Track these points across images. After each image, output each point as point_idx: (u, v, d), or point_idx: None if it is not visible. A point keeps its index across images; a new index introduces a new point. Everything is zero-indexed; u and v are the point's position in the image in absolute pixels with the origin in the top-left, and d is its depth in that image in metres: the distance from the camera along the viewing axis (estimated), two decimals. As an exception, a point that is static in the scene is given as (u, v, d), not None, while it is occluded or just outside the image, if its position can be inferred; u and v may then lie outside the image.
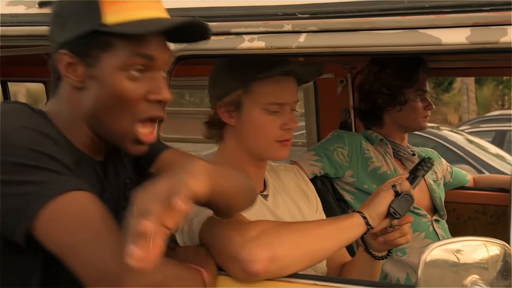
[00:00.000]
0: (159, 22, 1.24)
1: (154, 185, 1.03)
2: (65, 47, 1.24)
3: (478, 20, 1.33)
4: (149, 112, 1.26)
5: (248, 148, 1.75)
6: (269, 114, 1.71)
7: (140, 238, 0.95)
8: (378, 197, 1.64)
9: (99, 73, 1.23)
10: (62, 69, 1.25)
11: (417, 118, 2.40)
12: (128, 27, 1.20)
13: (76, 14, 1.22)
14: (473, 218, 2.80)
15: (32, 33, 1.67)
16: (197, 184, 1.04)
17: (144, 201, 0.99)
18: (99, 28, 1.20)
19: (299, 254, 1.48)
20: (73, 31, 1.22)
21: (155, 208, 0.96)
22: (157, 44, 1.25)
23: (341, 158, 2.31)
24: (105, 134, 1.28)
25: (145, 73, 1.24)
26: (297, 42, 1.47)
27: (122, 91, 1.22)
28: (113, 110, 1.24)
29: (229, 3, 1.54)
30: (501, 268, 1.26)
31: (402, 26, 1.39)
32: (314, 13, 1.46)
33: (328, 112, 2.89)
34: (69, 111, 1.28)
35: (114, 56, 1.22)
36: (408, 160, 2.43)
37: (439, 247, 1.24)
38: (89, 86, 1.24)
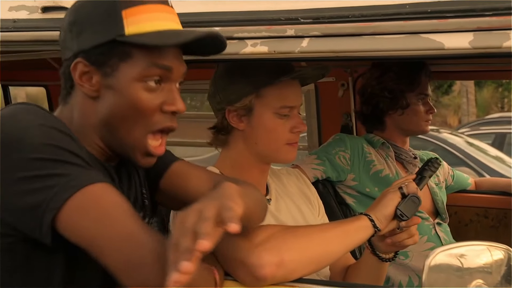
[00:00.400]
0: (178, 34, 1.24)
1: (198, 207, 1.03)
2: (81, 55, 1.24)
3: (481, 24, 1.33)
4: (163, 123, 1.26)
5: (257, 152, 1.76)
6: (280, 118, 1.74)
7: (192, 255, 0.95)
8: (385, 199, 1.65)
9: (116, 82, 1.22)
10: (76, 77, 1.25)
11: (419, 122, 2.40)
12: (149, 38, 1.20)
13: (95, 23, 1.22)
14: (474, 221, 2.80)
15: (35, 38, 1.67)
16: (240, 209, 1.04)
17: (193, 221, 0.99)
18: (119, 38, 1.20)
19: (307, 258, 1.49)
20: (92, 40, 1.22)
21: (209, 229, 0.97)
22: (174, 55, 1.25)
23: (343, 161, 2.31)
24: (116, 144, 1.28)
25: (161, 84, 1.25)
26: (300, 46, 1.47)
27: (139, 101, 1.22)
28: (128, 120, 1.24)
29: (232, 8, 1.54)
30: (505, 272, 1.26)
31: (405, 31, 1.39)
32: (317, 18, 1.46)
33: (329, 115, 2.89)
34: (80, 120, 1.28)
35: (132, 66, 1.22)
36: (410, 163, 2.43)
37: (443, 251, 1.24)
38: (104, 96, 1.24)
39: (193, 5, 1.58)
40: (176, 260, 0.95)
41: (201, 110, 7.10)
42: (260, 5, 1.52)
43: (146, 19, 1.22)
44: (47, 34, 1.65)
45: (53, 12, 1.69)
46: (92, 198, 1.12)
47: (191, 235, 0.97)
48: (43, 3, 1.70)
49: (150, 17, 1.22)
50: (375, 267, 1.78)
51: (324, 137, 2.85)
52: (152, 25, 1.22)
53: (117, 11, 1.21)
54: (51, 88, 3.38)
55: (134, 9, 1.21)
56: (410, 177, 1.76)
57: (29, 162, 1.11)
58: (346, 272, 1.86)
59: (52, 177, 1.11)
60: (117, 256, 1.09)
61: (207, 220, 0.98)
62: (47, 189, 1.10)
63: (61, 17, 1.66)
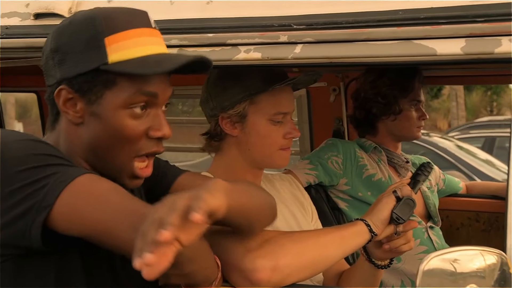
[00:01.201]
0: (163, 61, 1.22)
1: (173, 198, 1.01)
2: (64, 83, 1.22)
3: (473, 31, 1.34)
4: (148, 148, 1.25)
5: (250, 157, 1.77)
6: (273, 124, 1.75)
7: (156, 246, 0.93)
8: (380, 204, 1.65)
9: (101, 110, 1.21)
10: (60, 104, 1.23)
11: (411, 128, 2.42)
12: (132, 66, 1.19)
13: (77, 52, 1.20)
14: (466, 225, 2.82)
15: (28, 45, 1.66)
16: (213, 201, 1.02)
17: (163, 211, 0.98)
18: (103, 67, 1.19)
19: (302, 263, 1.49)
20: (75, 69, 1.20)
21: (174, 219, 0.95)
22: (159, 81, 1.24)
23: (335, 166, 2.32)
24: (102, 168, 1.27)
25: (146, 110, 1.24)
26: (293, 53, 1.48)
27: (124, 128, 1.21)
28: (113, 146, 1.23)
29: (225, 15, 1.54)
30: (498, 277, 1.27)
31: (398, 37, 1.40)
32: (310, 24, 1.46)
33: (321, 120, 2.90)
34: (66, 146, 1.27)
35: (117, 93, 1.20)
36: (402, 168, 2.44)
37: (437, 256, 1.25)
38: (89, 122, 1.23)
39: (186, 11, 1.58)
40: (141, 248, 0.94)
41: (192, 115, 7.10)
42: (254, 11, 1.53)
43: (129, 45, 1.19)
44: (40, 40, 1.64)
45: (45, 19, 1.69)
46: (85, 186, 1.11)
47: (158, 226, 0.95)
48: (35, 9, 1.70)
49: (134, 42, 1.20)
50: (370, 274, 1.78)
51: (316, 142, 2.86)
52: (136, 51, 1.20)
53: (99, 38, 1.19)
54: (42, 94, 3.36)
55: (117, 35, 1.19)
56: (404, 181, 1.77)
57: (13, 176, 1.11)
58: (340, 278, 1.86)
59: (39, 181, 1.10)
60: (126, 235, 1.07)
61: (174, 210, 0.97)
62: (35, 192, 1.10)
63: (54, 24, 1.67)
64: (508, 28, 1.31)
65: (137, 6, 1.30)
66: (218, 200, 1.05)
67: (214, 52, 1.52)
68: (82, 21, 1.22)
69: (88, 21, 1.21)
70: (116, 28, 1.20)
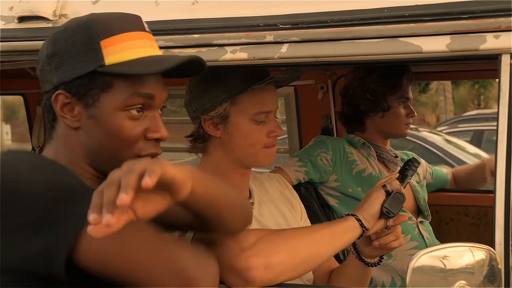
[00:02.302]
0: (159, 61, 1.24)
1: (132, 162, 1.02)
2: (61, 87, 1.22)
3: (457, 28, 1.34)
4: (147, 150, 1.26)
5: (235, 158, 1.76)
6: (256, 124, 1.73)
7: (113, 208, 0.95)
8: (370, 199, 1.66)
9: (98, 113, 1.22)
10: (58, 109, 1.24)
11: (399, 125, 2.42)
12: (130, 67, 1.20)
13: (74, 55, 1.21)
14: (455, 219, 2.83)
15: (12, 48, 1.65)
16: (172, 171, 1.02)
17: (122, 172, 0.98)
18: (100, 69, 1.19)
19: (295, 260, 1.50)
20: (72, 73, 1.21)
21: (132, 181, 0.95)
22: (156, 83, 1.25)
23: (325, 163, 2.32)
24: (107, 170, 1.23)
25: (143, 112, 1.25)
26: (280, 52, 1.48)
27: (122, 130, 1.22)
28: (112, 148, 1.23)
29: (211, 15, 1.54)
30: (487, 272, 1.28)
31: (383, 35, 1.41)
32: (296, 23, 1.46)
33: (309, 118, 2.90)
34: (67, 152, 1.27)
35: (114, 96, 1.21)
36: (391, 162, 2.45)
37: (426, 254, 1.26)
38: (87, 126, 1.24)
39: (172, 12, 1.57)
40: (96, 205, 0.95)
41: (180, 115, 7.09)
42: (239, 11, 1.53)
43: (125, 47, 1.21)
44: (24, 44, 1.64)
45: (29, 22, 1.67)
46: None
47: (117, 186, 0.96)
48: (19, 12, 1.68)
49: (129, 45, 1.22)
50: (360, 272, 1.79)
51: (304, 139, 2.86)
52: (131, 53, 1.22)
53: (95, 41, 1.20)
54: (29, 97, 3.34)
55: (113, 38, 1.21)
56: (393, 175, 1.77)
57: (28, 207, 1.09)
58: (330, 275, 1.87)
59: (53, 222, 1.08)
60: (157, 275, 1.09)
61: (132, 173, 0.97)
62: (56, 230, 1.08)
63: (38, 27, 1.66)
64: (492, 24, 1.32)
65: (122, 7, 1.30)
66: (180, 173, 1.05)
67: (200, 53, 1.52)
68: (78, 25, 1.23)
69: (83, 25, 1.22)
70: (111, 31, 1.21)
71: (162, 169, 1.00)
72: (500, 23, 1.31)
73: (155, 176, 0.97)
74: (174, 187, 1.05)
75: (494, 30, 1.32)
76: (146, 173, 0.97)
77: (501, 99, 1.32)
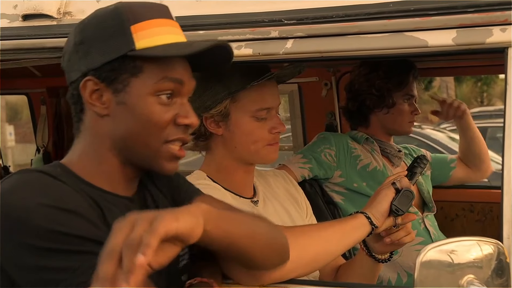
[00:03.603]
0: (188, 45, 1.24)
1: (149, 217, 0.98)
2: (90, 73, 1.22)
3: (463, 21, 1.34)
4: (175, 135, 1.25)
5: (238, 155, 1.76)
6: (257, 121, 1.73)
7: (135, 271, 0.91)
8: (379, 196, 1.66)
9: (128, 98, 1.21)
10: (86, 96, 1.23)
11: (403, 122, 2.42)
12: (160, 51, 1.20)
13: (104, 41, 1.21)
14: (460, 216, 2.83)
15: (17, 46, 1.65)
16: (174, 225, 0.99)
17: (141, 230, 0.95)
18: (131, 53, 1.20)
19: (305, 258, 1.49)
20: (102, 58, 1.20)
21: (153, 242, 0.93)
22: (184, 69, 1.25)
23: (329, 159, 2.32)
24: (136, 158, 1.26)
25: (172, 99, 1.24)
26: (285, 48, 1.47)
27: (153, 115, 1.21)
28: (142, 134, 1.23)
29: (215, 11, 1.54)
30: (495, 266, 1.27)
31: (389, 30, 1.40)
32: (301, 19, 1.46)
33: (313, 115, 2.90)
34: (95, 144, 1.26)
35: (144, 81, 1.21)
36: (395, 157, 2.45)
37: (434, 248, 1.25)
38: (116, 112, 1.23)
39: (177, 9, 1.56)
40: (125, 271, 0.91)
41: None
42: (244, 7, 1.52)
43: (154, 33, 1.21)
44: (29, 42, 1.64)
45: (34, 20, 1.67)
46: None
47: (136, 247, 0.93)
48: (23, 11, 1.68)
49: (158, 31, 1.22)
50: (370, 269, 1.78)
51: (309, 137, 2.86)
52: (161, 38, 1.22)
53: (126, 26, 1.20)
54: (33, 96, 3.35)
55: (142, 24, 1.21)
56: (401, 173, 1.77)
57: (33, 248, 1.07)
58: (337, 272, 1.86)
59: (57, 271, 1.06)
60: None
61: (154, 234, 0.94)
62: (53, 282, 1.06)
63: (43, 24, 1.66)
64: (499, 18, 1.31)
65: (127, 4, 1.29)
66: (185, 223, 1.02)
67: (205, 49, 1.51)
68: (107, 12, 1.24)
69: (113, 12, 1.23)
70: (141, 17, 1.22)
71: (161, 231, 0.96)
72: (506, 16, 1.30)
73: (150, 251, 0.93)
74: (181, 238, 1.02)
75: (500, 24, 1.31)
76: (141, 248, 0.93)
77: (507, 93, 1.31)
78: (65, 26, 1.62)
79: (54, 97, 3.30)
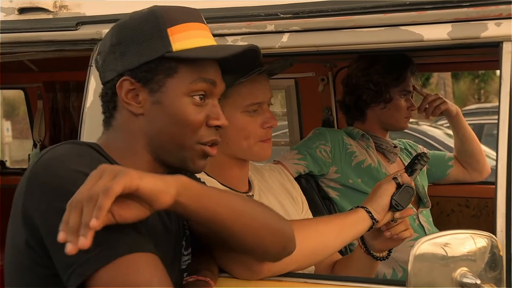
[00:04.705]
0: (222, 49, 1.30)
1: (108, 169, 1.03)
2: (127, 74, 1.25)
3: (458, 15, 1.34)
4: (208, 136, 1.29)
5: (231, 151, 1.74)
6: (249, 116, 1.72)
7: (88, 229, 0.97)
8: (380, 190, 1.65)
9: (164, 98, 1.25)
10: (122, 95, 1.26)
11: (400, 118, 2.43)
12: (195, 53, 1.24)
13: (141, 42, 1.24)
14: (456, 211, 2.83)
15: (13, 40, 1.65)
16: (136, 182, 1.01)
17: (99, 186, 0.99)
18: (168, 54, 1.23)
19: (303, 252, 1.48)
20: (139, 59, 1.24)
21: (105, 205, 0.97)
22: (216, 72, 1.30)
23: (324, 155, 2.32)
24: (169, 156, 1.29)
25: (205, 100, 1.28)
26: (280, 42, 1.48)
27: (188, 115, 1.25)
28: (175, 134, 1.26)
29: (211, 5, 1.54)
30: (488, 259, 1.28)
31: (384, 24, 1.40)
32: (297, 12, 1.46)
33: (310, 110, 2.90)
34: (127, 141, 1.28)
35: (179, 81, 1.25)
36: (391, 153, 2.45)
37: (428, 241, 1.26)
38: (151, 112, 1.26)
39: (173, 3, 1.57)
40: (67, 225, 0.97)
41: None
42: (240, 1, 1.53)
43: (189, 36, 1.26)
44: (25, 35, 1.64)
45: (30, 13, 1.68)
46: (122, 273, 1.06)
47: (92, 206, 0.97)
48: (19, 4, 1.68)
49: (193, 34, 1.27)
50: (367, 266, 1.77)
51: (305, 132, 2.85)
52: (195, 41, 1.26)
53: (163, 28, 1.24)
54: (30, 91, 3.35)
55: (178, 27, 1.25)
56: (401, 170, 1.77)
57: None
58: (333, 268, 1.86)
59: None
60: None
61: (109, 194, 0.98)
62: (79, 251, 1.03)
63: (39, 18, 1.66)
64: (493, 12, 1.32)
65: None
66: (152, 184, 1.04)
67: (201, 43, 1.51)
68: (143, 15, 1.28)
69: (149, 14, 1.27)
70: (176, 20, 1.26)
71: (116, 188, 0.99)
72: (501, 10, 1.31)
73: (102, 213, 0.96)
74: (145, 198, 1.04)
75: (495, 18, 1.32)
76: (96, 209, 0.97)
77: (502, 88, 1.32)
78: (61, 20, 1.63)
79: (50, 92, 3.30)
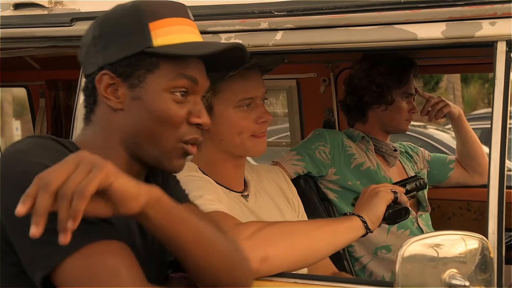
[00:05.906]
0: (205, 45, 1.27)
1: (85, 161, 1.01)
2: (106, 68, 1.23)
3: (453, 14, 1.33)
4: (190, 135, 1.26)
5: (225, 148, 1.74)
6: (242, 111, 1.71)
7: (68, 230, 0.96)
8: (377, 198, 1.65)
9: (144, 93, 1.23)
10: (101, 90, 1.24)
11: (400, 120, 2.42)
12: (177, 49, 1.22)
13: (122, 36, 1.22)
14: (457, 214, 2.81)
15: (8, 35, 1.65)
16: (110, 178, 1.01)
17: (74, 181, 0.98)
18: (148, 49, 1.21)
19: (292, 255, 1.48)
20: (120, 53, 1.22)
21: (81, 209, 0.96)
22: (199, 69, 1.27)
23: (323, 156, 2.31)
24: (146, 154, 1.26)
25: (187, 97, 1.26)
26: (274, 39, 1.48)
27: (168, 111, 1.23)
28: (156, 130, 1.24)
29: (205, 2, 1.54)
30: (479, 261, 1.27)
31: (378, 22, 1.40)
32: (291, 10, 1.46)
33: (311, 111, 2.89)
34: (105, 136, 1.26)
35: (160, 77, 1.22)
36: (391, 156, 2.44)
37: (418, 241, 1.24)
38: (130, 108, 1.24)
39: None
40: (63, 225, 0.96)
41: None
42: (233, -2, 1.52)
43: (172, 31, 1.23)
44: (20, 31, 1.64)
45: (25, 9, 1.68)
46: (87, 263, 1.06)
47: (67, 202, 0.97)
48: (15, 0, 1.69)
49: (176, 29, 1.24)
50: None
51: (306, 133, 2.84)
52: (178, 37, 1.24)
53: (144, 23, 1.22)
54: (32, 89, 3.36)
55: (161, 21, 1.23)
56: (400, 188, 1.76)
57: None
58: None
59: (50, 233, 1.02)
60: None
61: (80, 195, 0.97)
62: (44, 244, 1.05)
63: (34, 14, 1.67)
64: (488, 11, 1.31)
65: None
66: (129, 187, 1.03)
67: (195, 40, 1.51)
68: (126, 8, 1.25)
69: (132, 8, 1.24)
70: (159, 15, 1.23)
71: (92, 187, 0.98)
72: (496, 10, 1.30)
73: (78, 217, 0.96)
74: (114, 198, 1.03)
75: (490, 17, 1.31)
76: (72, 211, 0.96)
77: (496, 87, 1.31)
78: (56, 16, 1.63)
79: (53, 90, 3.30)
